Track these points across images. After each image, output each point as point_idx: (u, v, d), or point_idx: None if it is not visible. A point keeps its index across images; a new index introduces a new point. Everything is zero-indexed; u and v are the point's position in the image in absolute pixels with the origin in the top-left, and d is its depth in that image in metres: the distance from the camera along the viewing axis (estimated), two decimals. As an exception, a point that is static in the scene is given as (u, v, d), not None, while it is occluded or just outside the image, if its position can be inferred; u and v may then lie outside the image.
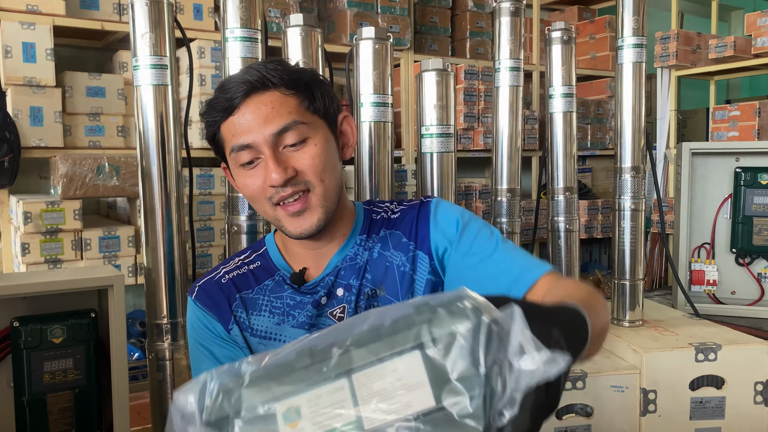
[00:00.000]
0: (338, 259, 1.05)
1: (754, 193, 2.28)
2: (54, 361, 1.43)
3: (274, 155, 0.95)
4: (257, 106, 0.96)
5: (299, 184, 0.97)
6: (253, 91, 0.96)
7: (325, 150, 0.98)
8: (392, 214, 1.10)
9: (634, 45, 1.83)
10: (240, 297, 1.07)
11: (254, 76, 0.96)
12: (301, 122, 0.96)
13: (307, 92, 0.99)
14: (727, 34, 6.14)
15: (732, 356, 1.65)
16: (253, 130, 0.95)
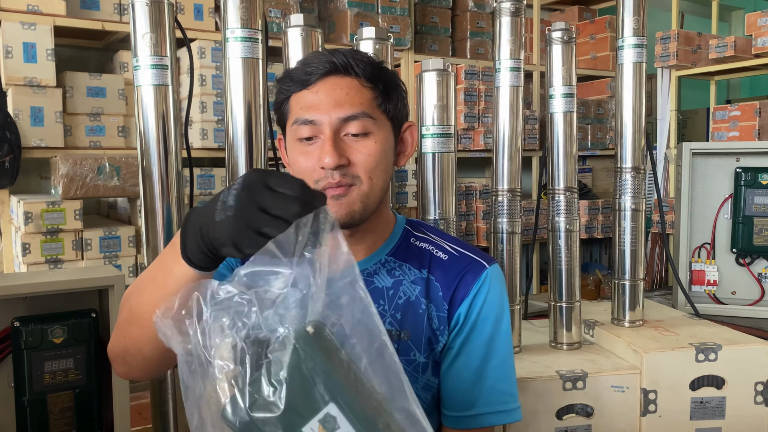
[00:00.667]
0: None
1: (754, 193, 2.27)
2: (54, 361, 1.43)
3: (333, 138, 0.94)
4: (333, 88, 0.95)
5: (347, 176, 0.95)
6: (333, 72, 0.96)
7: (382, 149, 0.98)
8: (439, 252, 1.05)
9: (635, 45, 1.82)
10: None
11: (340, 59, 0.96)
12: (369, 116, 0.96)
13: (383, 90, 0.99)
14: (728, 34, 6.14)
15: (732, 356, 1.65)
16: (321, 109, 0.95)
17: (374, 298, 1.00)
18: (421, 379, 1.00)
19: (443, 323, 1.01)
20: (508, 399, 1.03)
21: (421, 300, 1.01)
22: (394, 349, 0.98)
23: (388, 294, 1.01)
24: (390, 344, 0.65)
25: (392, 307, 1.01)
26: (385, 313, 1.00)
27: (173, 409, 1.51)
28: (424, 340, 1.00)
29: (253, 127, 1.52)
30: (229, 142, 1.54)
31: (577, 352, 1.78)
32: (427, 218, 1.72)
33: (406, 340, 0.99)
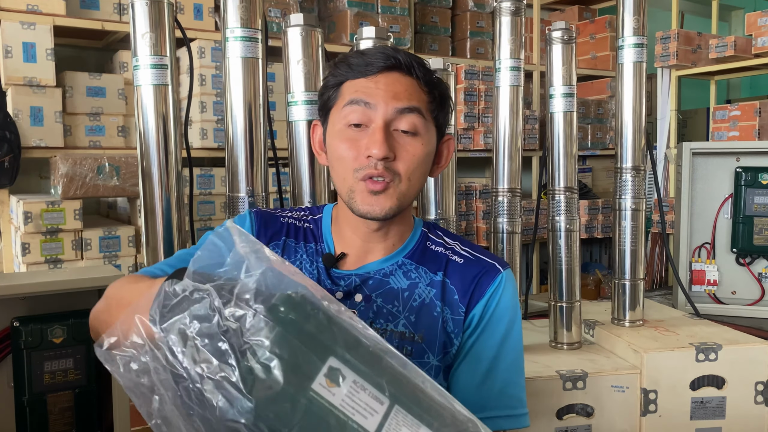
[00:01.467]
0: (374, 267, 1.03)
1: (754, 192, 2.27)
2: (54, 361, 1.43)
3: (384, 129, 0.94)
4: (393, 82, 0.96)
5: (389, 171, 0.95)
6: (396, 68, 0.96)
7: (426, 153, 0.98)
8: (454, 256, 1.06)
9: (635, 45, 1.82)
10: (284, 240, 1.06)
11: (403, 58, 0.97)
12: (422, 115, 0.97)
13: (437, 97, 1.00)
14: (728, 33, 6.14)
15: (732, 356, 1.65)
16: (379, 97, 0.95)
17: (389, 299, 1.01)
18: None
19: (458, 326, 1.01)
20: (516, 404, 1.03)
21: (436, 303, 1.01)
22: (408, 351, 0.98)
23: (403, 296, 1.01)
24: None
25: (407, 309, 1.01)
26: (399, 315, 1.00)
27: (173, 409, 1.51)
28: (438, 343, 1.00)
29: (252, 126, 1.52)
30: (228, 141, 1.54)
31: (577, 352, 1.78)
32: (427, 218, 1.72)
33: (420, 343, 0.99)
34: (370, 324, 1.00)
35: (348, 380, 0.59)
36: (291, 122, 1.61)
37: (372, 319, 1.00)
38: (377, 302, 1.01)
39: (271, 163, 1.81)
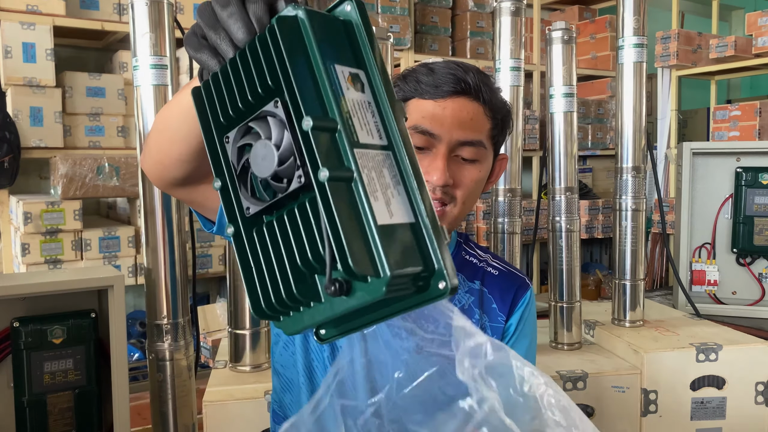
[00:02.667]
0: None
1: (755, 193, 2.27)
2: (54, 362, 1.43)
3: (447, 157, 0.95)
4: (460, 109, 0.96)
5: (447, 195, 0.97)
6: (464, 93, 0.97)
7: (483, 178, 1.01)
8: (489, 267, 1.09)
9: (635, 45, 1.82)
10: None
11: (473, 80, 0.97)
12: (483, 145, 0.98)
13: (500, 122, 1.01)
14: (728, 33, 6.14)
15: (733, 356, 1.65)
16: (445, 125, 0.95)
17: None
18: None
19: (497, 333, 1.05)
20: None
21: (474, 309, 1.05)
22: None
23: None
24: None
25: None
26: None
27: (173, 410, 1.51)
28: None
29: (252, 127, 1.52)
30: (228, 142, 1.54)
31: (578, 353, 1.78)
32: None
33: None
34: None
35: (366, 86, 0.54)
36: (291, 122, 1.61)
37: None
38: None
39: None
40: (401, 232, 0.52)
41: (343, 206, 0.49)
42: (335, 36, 0.55)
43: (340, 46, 0.55)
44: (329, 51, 0.54)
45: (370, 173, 0.52)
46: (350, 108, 0.53)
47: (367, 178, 0.51)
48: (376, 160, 0.53)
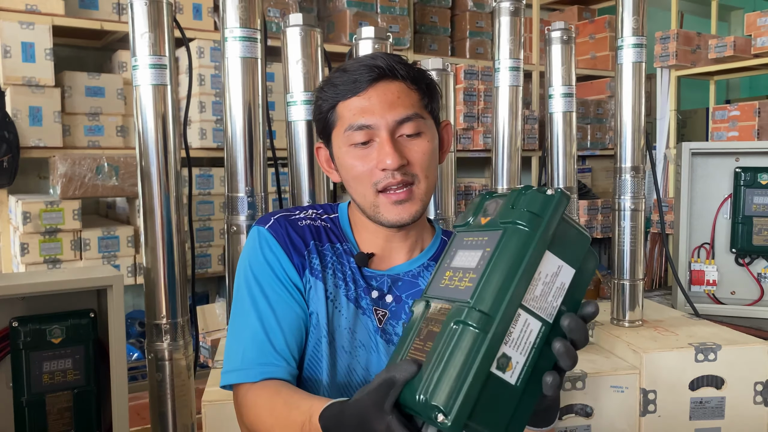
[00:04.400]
0: (402, 269, 1.06)
1: (753, 193, 2.27)
2: (53, 362, 1.43)
3: (391, 140, 0.97)
4: (384, 92, 0.98)
5: (407, 174, 0.98)
6: (381, 78, 0.98)
7: (433, 147, 1.02)
8: None
9: (634, 45, 1.82)
10: (314, 245, 1.06)
11: (384, 63, 0.98)
12: (420, 116, 1.00)
13: (427, 90, 1.02)
14: (727, 34, 6.14)
15: (732, 356, 1.65)
16: (376, 113, 0.97)
17: (416, 296, 1.04)
18: None
19: None
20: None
21: None
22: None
23: None
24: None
25: None
26: None
27: (172, 410, 1.51)
28: None
29: (252, 126, 1.52)
30: (227, 141, 1.54)
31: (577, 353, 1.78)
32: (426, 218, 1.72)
33: None
34: (402, 324, 1.03)
35: (507, 348, 0.68)
36: (290, 122, 1.60)
37: (405, 320, 1.03)
38: (408, 303, 1.04)
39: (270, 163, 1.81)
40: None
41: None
42: None
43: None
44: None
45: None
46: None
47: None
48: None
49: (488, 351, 0.65)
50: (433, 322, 0.71)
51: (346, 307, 1.03)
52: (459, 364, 0.65)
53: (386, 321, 1.03)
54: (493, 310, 0.66)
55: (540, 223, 0.68)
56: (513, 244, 0.68)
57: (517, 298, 0.67)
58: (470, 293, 0.67)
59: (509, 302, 0.66)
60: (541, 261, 0.68)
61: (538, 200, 0.69)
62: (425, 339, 0.70)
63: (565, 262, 0.69)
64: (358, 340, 1.03)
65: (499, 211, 0.72)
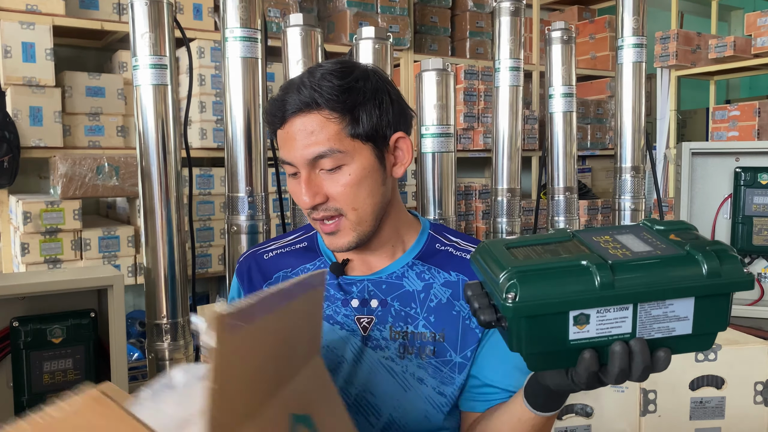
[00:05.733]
0: (385, 271, 1.04)
1: (753, 193, 2.27)
2: (54, 361, 1.43)
3: (308, 178, 0.95)
4: (300, 127, 0.95)
5: (329, 210, 0.97)
6: (300, 111, 0.95)
7: (359, 178, 0.96)
8: (466, 254, 1.07)
9: (634, 45, 1.82)
10: (283, 274, 1.08)
11: (304, 96, 0.94)
12: (337, 150, 0.94)
13: (352, 116, 0.95)
14: (727, 34, 6.14)
15: (732, 356, 1.65)
16: (293, 150, 0.96)
17: (406, 301, 1.02)
18: (458, 379, 1.01)
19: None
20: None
21: (453, 302, 1.03)
22: (431, 350, 1.00)
23: (420, 297, 1.03)
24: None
25: (425, 310, 1.02)
26: (418, 316, 1.02)
27: (172, 409, 1.51)
28: (460, 340, 1.02)
29: (252, 126, 1.52)
30: (228, 141, 1.54)
31: (577, 352, 1.78)
32: (426, 218, 1.73)
33: (442, 342, 1.01)
34: (389, 328, 1.01)
35: (595, 316, 0.68)
36: (290, 122, 1.60)
37: (391, 323, 1.02)
38: (394, 306, 1.02)
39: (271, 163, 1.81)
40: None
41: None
42: None
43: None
44: None
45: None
46: (604, 335, 0.71)
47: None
48: (643, 315, 0.72)
49: (588, 301, 0.67)
50: (565, 249, 0.72)
51: (325, 327, 1.02)
52: (563, 284, 0.67)
53: (372, 327, 1.02)
54: (618, 285, 0.67)
55: (714, 281, 0.69)
56: (680, 269, 0.68)
57: (636, 297, 0.67)
58: (617, 260, 0.68)
59: (629, 295, 0.67)
60: (683, 299, 0.69)
61: (734, 264, 0.72)
62: (550, 251, 0.72)
63: (692, 319, 0.70)
64: (338, 354, 1.02)
65: (696, 242, 0.72)
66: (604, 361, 0.71)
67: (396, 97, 1.01)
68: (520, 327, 0.69)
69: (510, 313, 0.66)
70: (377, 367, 1.01)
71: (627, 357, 0.69)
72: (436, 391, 1.00)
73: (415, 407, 1.00)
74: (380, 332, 1.02)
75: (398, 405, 1.00)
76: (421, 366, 1.00)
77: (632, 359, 0.69)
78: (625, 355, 0.69)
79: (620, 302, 0.68)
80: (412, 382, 1.00)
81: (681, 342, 0.71)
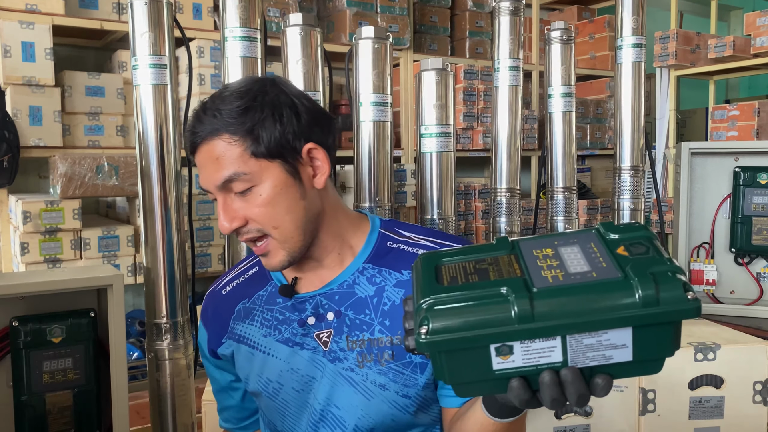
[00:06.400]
0: (335, 283, 1.02)
1: (753, 192, 2.28)
2: (53, 361, 1.43)
3: (224, 203, 0.95)
4: (207, 155, 0.95)
5: (252, 231, 0.96)
6: (204, 139, 0.95)
7: (272, 196, 0.94)
8: (418, 249, 1.04)
9: (634, 45, 1.83)
10: (242, 307, 1.08)
11: (206, 123, 0.94)
12: (242, 173, 0.93)
13: (252, 136, 0.93)
14: (727, 33, 6.15)
15: (731, 356, 1.65)
16: (204, 176, 0.96)
17: (359, 309, 1.00)
18: (421, 379, 1.00)
19: None
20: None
21: (408, 302, 1.01)
22: (390, 355, 0.98)
23: (373, 302, 1.01)
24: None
25: (379, 314, 1.00)
26: (373, 322, 1.00)
27: (172, 409, 1.51)
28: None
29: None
30: (227, 141, 1.54)
31: (576, 352, 1.78)
32: (426, 217, 1.73)
33: (400, 344, 0.99)
34: (346, 338, 1.00)
35: (518, 347, 0.64)
36: (290, 122, 1.60)
37: (347, 333, 1.00)
38: (348, 315, 1.00)
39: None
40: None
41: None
42: None
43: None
44: None
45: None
46: (532, 364, 0.67)
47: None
48: (573, 342, 0.66)
49: (505, 335, 0.63)
50: (497, 267, 0.68)
51: (282, 350, 1.02)
52: (473, 316, 0.63)
53: (332, 340, 1.01)
54: (539, 317, 0.62)
55: (652, 309, 0.61)
56: (612, 296, 0.62)
57: (565, 329, 0.62)
58: (543, 286, 0.63)
59: (561, 326, 0.62)
60: (616, 329, 0.62)
61: (675, 291, 0.61)
62: (479, 271, 0.68)
63: (632, 347, 0.63)
64: (305, 375, 1.02)
65: (639, 260, 0.64)
66: (537, 387, 0.67)
67: (304, 107, 0.97)
68: (439, 359, 0.66)
69: (423, 348, 0.64)
70: (338, 380, 1.00)
71: (557, 387, 0.65)
72: (399, 394, 0.99)
73: (380, 413, 0.99)
74: (338, 344, 1.00)
75: (363, 414, 0.99)
76: (381, 372, 0.98)
77: (565, 388, 0.65)
78: (555, 385, 0.65)
79: (541, 335, 0.63)
80: (373, 390, 0.99)
81: (623, 368, 0.65)
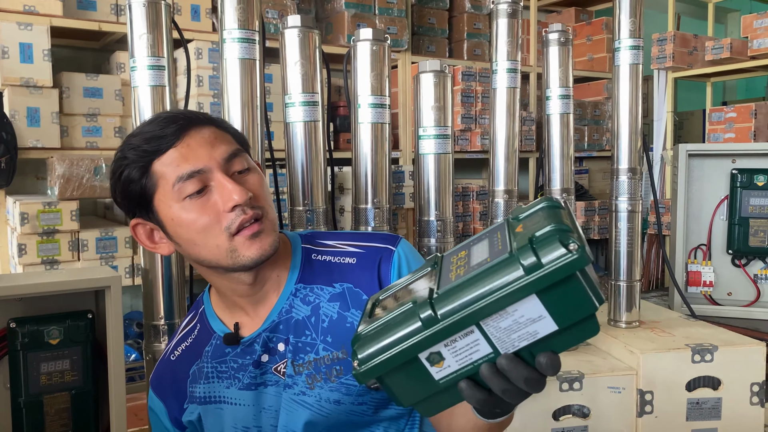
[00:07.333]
0: (274, 314, 1.01)
1: (750, 194, 2.28)
2: (51, 363, 1.43)
3: (231, 178, 0.93)
4: (199, 137, 0.94)
5: (256, 207, 0.94)
6: (190, 125, 0.94)
7: (262, 181, 0.99)
8: (347, 258, 1.03)
9: (631, 47, 1.83)
10: (195, 369, 1.05)
11: (189, 114, 0.96)
12: (244, 151, 0.98)
13: (235, 134, 1.01)
14: (724, 36, 6.16)
15: (728, 357, 1.65)
16: (202, 156, 0.92)
17: (299, 331, 0.99)
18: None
19: None
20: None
21: (344, 315, 0.99)
22: (338, 370, 0.97)
23: (311, 322, 1.00)
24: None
25: (320, 333, 0.99)
26: (315, 342, 0.99)
27: (170, 410, 1.51)
28: None
29: (250, 127, 1.52)
30: (226, 143, 1.54)
31: (574, 353, 1.78)
32: (424, 219, 1.73)
33: (346, 358, 0.98)
34: (292, 363, 0.99)
35: (445, 350, 0.66)
36: (288, 123, 1.61)
37: (292, 358, 0.99)
38: (291, 340, 0.99)
39: (268, 165, 1.81)
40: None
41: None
42: None
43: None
44: None
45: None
46: (466, 364, 0.69)
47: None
48: (492, 329, 0.67)
49: (421, 343, 0.65)
50: (418, 287, 0.71)
51: (247, 396, 1.01)
52: (392, 336, 0.66)
53: (288, 368, 1.00)
54: (443, 316, 0.64)
55: (537, 273, 0.62)
56: (500, 275, 0.63)
57: (475, 317, 0.63)
58: (445, 287, 0.66)
59: (465, 318, 0.63)
60: (522, 301, 0.63)
61: (552, 250, 0.62)
62: (403, 296, 0.72)
63: (549, 315, 0.64)
64: (273, 410, 1.00)
65: (524, 234, 0.66)
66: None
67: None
68: (385, 386, 0.69)
69: (361, 379, 0.67)
70: (292, 406, 0.99)
71: (501, 377, 0.65)
72: (354, 404, 0.98)
73: (339, 422, 0.99)
74: (287, 371, 0.99)
75: (323, 429, 0.99)
76: (333, 389, 0.97)
77: (509, 376, 0.65)
78: (497, 376, 0.65)
79: (454, 332, 0.64)
80: (329, 407, 0.98)
81: (558, 340, 0.66)
